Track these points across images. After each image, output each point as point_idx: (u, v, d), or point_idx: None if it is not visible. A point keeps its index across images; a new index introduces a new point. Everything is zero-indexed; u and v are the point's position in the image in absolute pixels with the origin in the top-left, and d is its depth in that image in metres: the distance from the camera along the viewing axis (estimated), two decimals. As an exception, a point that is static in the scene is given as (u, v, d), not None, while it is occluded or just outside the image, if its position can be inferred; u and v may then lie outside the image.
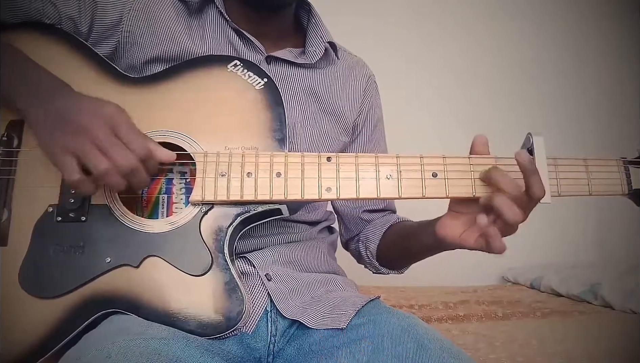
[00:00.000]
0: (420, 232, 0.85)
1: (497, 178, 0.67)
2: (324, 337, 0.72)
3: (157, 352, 0.57)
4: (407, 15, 2.48)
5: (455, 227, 0.74)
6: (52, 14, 0.79)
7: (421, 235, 0.84)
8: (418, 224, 0.89)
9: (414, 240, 0.89)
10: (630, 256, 2.27)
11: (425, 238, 0.82)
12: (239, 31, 0.85)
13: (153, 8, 0.83)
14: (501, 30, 2.62)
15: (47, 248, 0.69)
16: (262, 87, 0.75)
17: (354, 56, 1.02)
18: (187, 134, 0.73)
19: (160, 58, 0.81)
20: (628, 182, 0.72)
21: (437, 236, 0.75)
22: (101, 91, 0.75)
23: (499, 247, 0.68)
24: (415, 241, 0.88)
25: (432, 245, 0.80)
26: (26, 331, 0.67)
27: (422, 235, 0.83)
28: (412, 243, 0.90)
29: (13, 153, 0.73)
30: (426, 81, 2.48)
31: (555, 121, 2.57)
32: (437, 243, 0.77)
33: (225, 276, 0.68)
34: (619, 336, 1.45)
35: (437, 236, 0.75)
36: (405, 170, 0.70)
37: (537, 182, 0.67)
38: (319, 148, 0.89)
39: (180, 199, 0.77)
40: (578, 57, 2.71)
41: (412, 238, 0.90)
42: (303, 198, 0.69)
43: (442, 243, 0.76)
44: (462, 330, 1.48)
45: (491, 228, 0.68)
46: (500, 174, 0.68)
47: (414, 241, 0.88)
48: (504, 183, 0.67)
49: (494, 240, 0.68)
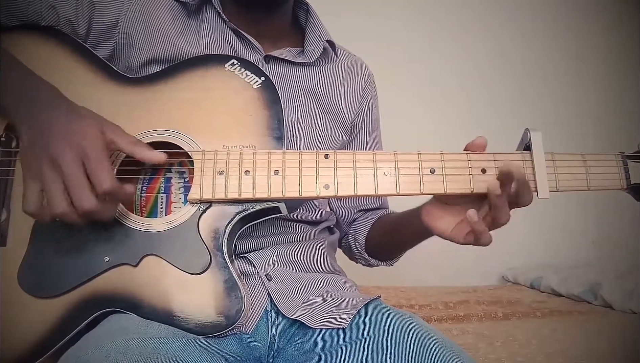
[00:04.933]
0: (409, 219, 0.86)
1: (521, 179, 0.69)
2: (325, 337, 0.72)
3: (156, 351, 0.57)
4: (408, 15, 2.48)
5: (445, 219, 0.75)
6: (51, 16, 0.79)
7: (410, 221, 0.85)
8: (406, 212, 0.91)
9: (403, 226, 0.91)
10: (630, 256, 2.27)
11: (414, 224, 0.82)
12: (237, 31, 0.85)
13: (150, 10, 0.83)
14: (502, 30, 2.62)
15: (46, 248, 0.69)
16: (260, 85, 0.75)
17: (353, 56, 1.02)
18: (185, 133, 0.73)
19: (157, 60, 0.82)
20: (627, 176, 0.72)
21: (424, 224, 0.77)
22: (100, 91, 0.76)
23: (487, 241, 0.71)
24: (404, 228, 0.90)
25: (421, 230, 0.81)
26: (26, 330, 0.67)
27: (411, 221, 0.84)
28: (401, 230, 0.92)
29: (12, 153, 0.73)
30: (427, 81, 2.48)
31: (555, 120, 2.57)
32: (424, 230, 0.79)
33: (224, 275, 0.68)
34: (619, 336, 1.45)
35: (424, 224, 0.77)
36: (403, 167, 0.70)
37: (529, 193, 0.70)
38: (317, 147, 0.89)
39: (179, 199, 0.77)
40: (578, 57, 2.71)
41: (400, 225, 0.92)
42: (301, 196, 0.69)
43: (428, 230, 0.78)
44: (462, 330, 1.47)
45: (481, 225, 0.70)
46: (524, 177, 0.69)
47: (403, 228, 0.90)
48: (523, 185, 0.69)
49: (483, 236, 0.71)
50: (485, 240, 0.71)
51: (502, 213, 0.70)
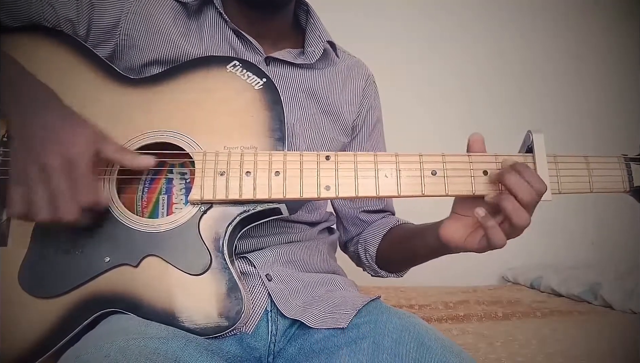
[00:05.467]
0: (424, 235, 0.84)
1: (510, 182, 0.66)
2: (325, 337, 0.72)
3: (156, 352, 0.57)
4: (408, 16, 2.49)
5: (459, 230, 0.73)
6: (51, 17, 0.79)
7: (425, 237, 0.83)
8: (420, 227, 0.89)
9: (417, 242, 0.88)
10: (630, 256, 2.27)
11: (429, 241, 0.81)
12: (238, 32, 0.85)
13: (151, 11, 0.83)
14: (501, 30, 2.62)
15: (47, 248, 0.69)
16: (261, 87, 0.75)
17: (353, 57, 1.02)
18: (187, 134, 0.73)
19: (158, 61, 0.81)
20: (629, 179, 0.72)
21: (441, 240, 0.75)
22: (101, 92, 0.76)
23: (499, 240, 0.68)
24: (418, 244, 0.87)
25: (436, 248, 0.80)
26: (26, 330, 0.67)
27: (427, 238, 0.82)
28: (414, 246, 0.89)
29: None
30: (426, 82, 2.48)
31: (555, 120, 2.58)
32: (441, 247, 0.77)
33: (225, 276, 0.68)
34: (619, 336, 1.45)
35: (441, 240, 0.75)
36: (404, 168, 0.70)
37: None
38: (317, 148, 0.89)
39: (180, 200, 0.77)
40: (578, 57, 2.71)
41: (414, 241, 0.89)
42: (302, 197, 0.69)
43: (446, 246, 0.76)
44: (462, 330, 1.48)
45: (489, 221, 0.67)
46: (514, 176, 0.66)
47: (417, 244, 0.88)
48: (517, 187, 0.66)
49: (493, 233, 0.67)
50: (496, 238, 0.67)
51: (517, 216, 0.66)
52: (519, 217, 0.66)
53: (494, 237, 0.68)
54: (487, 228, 0.68)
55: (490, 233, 0.68)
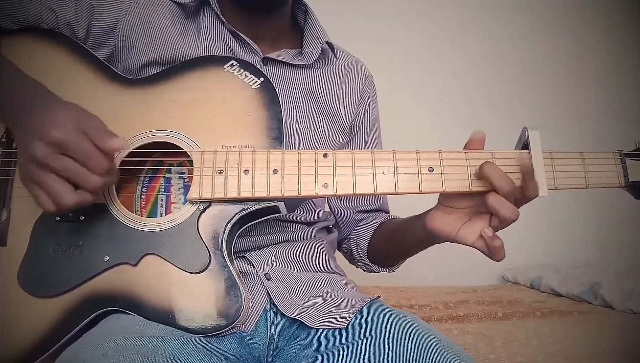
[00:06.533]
0: (412, 226, 0.85)
1: (489, 173, 0.67)
2: (325, 337, 0.72)
3: (154, 350, 0.57)
4: (407, 16, 2.49)
5: (450, 223, 0.74)
6: (50, 19, 0.79)
7: (413, 228, 0.84)
8: (409, 219, 0.89)
9: (405, 234, 0.89)
10: (630, 256, 2.27)
11: (417, 232, 0.82)
12: (235, 33, 0.85)
13: (149, 12, 0.84)
14: (501, 30, 2.62)
15: (46, 248, 0.69)
16: (259, 86, 0.75)
17: (352, 57, 1.02)
18: (185, 134, 0.73)
19: (156, 62, 0.82)
20: (625, 174, 0.72)
21: (428, 230, 0.76)
22: (100, 92, 0.76)
23: (501, 256, 0.70)
24: (407, 236, 0.88)
25: (424, 238, 0.80)
26: (25, 330, 0.67)
27: (414, 229, 0.83)
28: (403, 238, 0.90)
29: (12, 154, 0.74)
30: (425, 82, 2.48)
31: (555, 120, 2.58)
32: (428, 237, 0.78)
33: (224, 274, 0.68)
34: (619, 336, 1.45)
35: (428, 230, 0.76)
36: (401, 165, 0.70)
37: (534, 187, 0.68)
38: (315, 148, 0.89)
39: (178, 199, 0.78)
40: (578, 57, 2.71)
41: (403, 233, 0.90)
42: (300, 195, 0.69)
43: (434, 236, 0.77)
44: (462, 330, 1.47)
45: (496, 240, 0.69)
46: (492, 168, 0.68)
47: (406, 236, 0.89)
48: (496, 177, 0.67)
49: (498, 251, 0.70)
50: (499, 254, 0.70)
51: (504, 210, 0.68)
52: (505, 209, 0.67)
53: (497, 254, 0.70)
54: (492, 247, 0.70)
55: (494, 252, 0.70)
